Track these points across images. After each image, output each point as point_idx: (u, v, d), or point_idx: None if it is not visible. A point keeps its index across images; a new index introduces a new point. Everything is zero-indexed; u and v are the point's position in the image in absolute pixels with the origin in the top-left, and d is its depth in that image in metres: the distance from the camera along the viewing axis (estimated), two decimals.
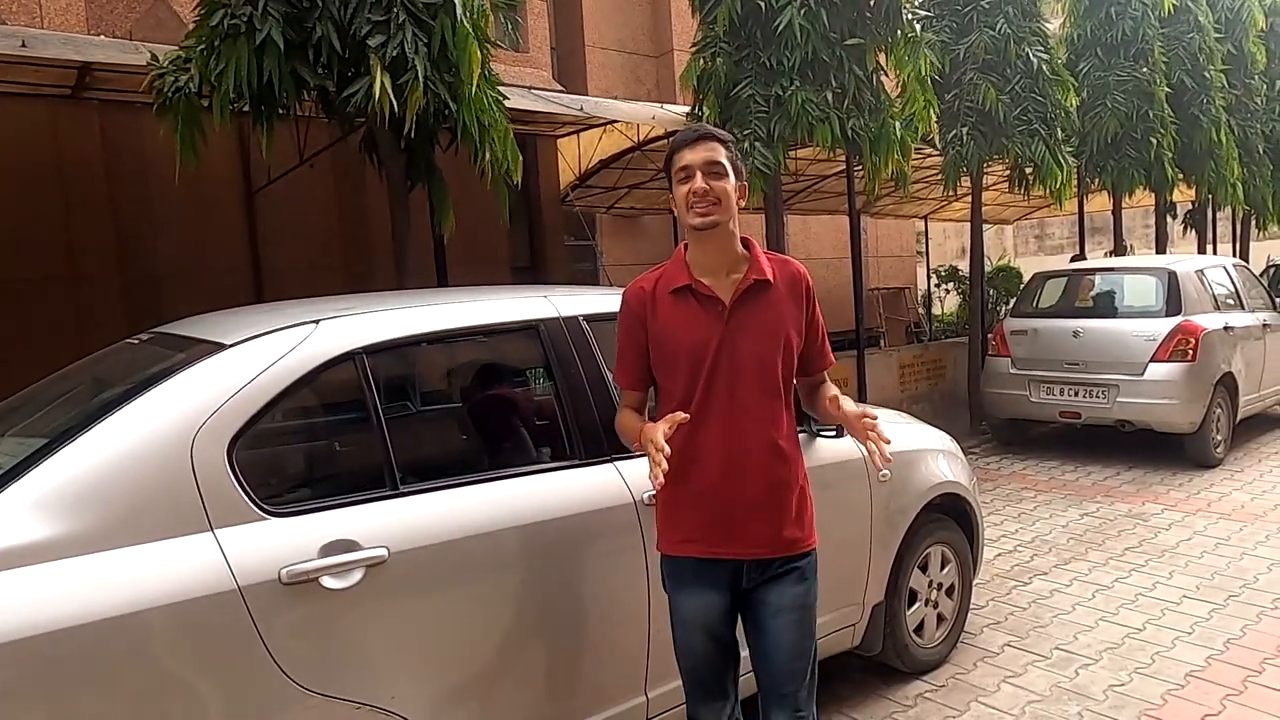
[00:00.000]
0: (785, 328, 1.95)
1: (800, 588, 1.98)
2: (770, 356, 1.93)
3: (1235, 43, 10.89)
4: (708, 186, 1.88)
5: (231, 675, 1.72)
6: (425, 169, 4.55)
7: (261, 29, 3.42)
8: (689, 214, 1.91)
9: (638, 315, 1.99)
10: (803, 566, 1.99)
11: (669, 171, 1.97)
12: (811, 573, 2.01)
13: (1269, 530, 4.76)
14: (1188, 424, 6.13)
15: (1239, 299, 7.00)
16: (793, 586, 1.97)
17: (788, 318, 1.96)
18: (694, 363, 1.91)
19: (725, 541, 1.94)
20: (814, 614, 2.02)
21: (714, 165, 1.90)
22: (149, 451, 1.74)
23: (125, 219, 6.13)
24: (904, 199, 11.49)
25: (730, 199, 1.92)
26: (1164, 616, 3.70)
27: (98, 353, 2.49)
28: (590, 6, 10.75)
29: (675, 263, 2.01)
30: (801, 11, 5.53)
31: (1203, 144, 9.72)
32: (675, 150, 1.95)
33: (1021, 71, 7.24)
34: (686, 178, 1.91)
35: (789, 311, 1.96)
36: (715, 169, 1.90)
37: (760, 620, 1.98)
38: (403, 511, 1.97)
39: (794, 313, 1.97)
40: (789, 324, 1.96)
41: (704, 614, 1.97)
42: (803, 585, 1.98)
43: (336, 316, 2.10)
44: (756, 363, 1.92)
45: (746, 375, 1.91)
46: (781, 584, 1.96)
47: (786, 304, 1.97)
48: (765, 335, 1.93)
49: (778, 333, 1.94)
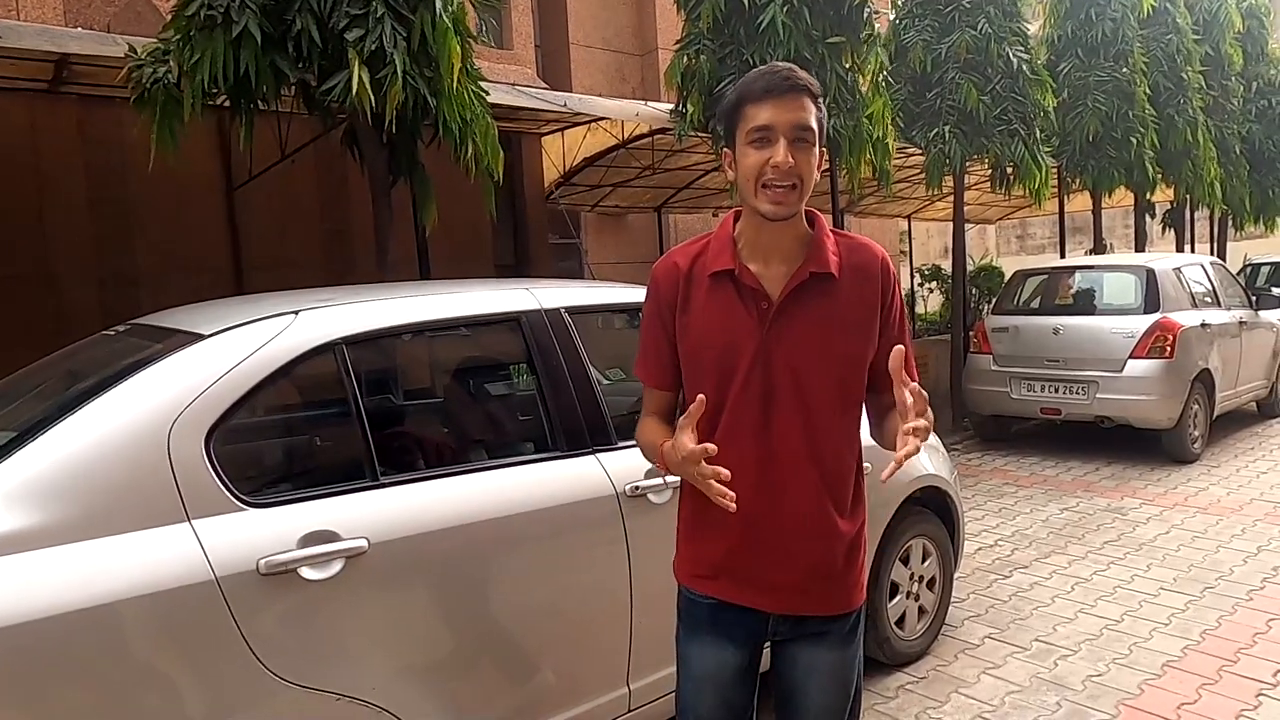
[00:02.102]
0: (848, 335, 1.50)
1: (839, 654, 1.60)
2: (823, 372, 1.50)
3: (1212, 44, 11.03)
4: (792, 161, 1.40)
5: (209, 667, 1.71)
6: (408, 164, 4.53)
7: (238, 21, 3.40)
8: (759, 195, 1.43)
9: (666, 298, 1.56)
10: (844, 629, 1.61)
11: (732, 126, 1.46)
12: (855, 635, 1.63)
13: (1244, 524, 4.82)
14: (1166, 420, 6.20)
15: (1216, 297, 7.09)
16: (829, 652, 1.59)
17: (853, 322, 1.50)
18: (724, 370, 1.50)
19: (747, 586, 1.57)
20: (856, 679, 1.64)
21: (804, 130, 1.41)
22: (125, 442, 1.73)
23: (103, 215, 6.06)
24: (887, 198, 11.55)
25: (814, 177, 1.45)
26: (1141, 608, 3.74)
27: (74, 344, 2.47)
28: (575, 4, 10.74)
29: (720, 237, 1.56)
30: (784, 9, 5.56)
31: (1179, 144, 9.84)
32: (751, 100, 1.42)
33: (1002, 71, 7.30)
34: (763, 141, 1.41)
35: (856, 314, 1.51)
36: (805, 135, 1.41)
37: (789, 679, 1.63)
38: (383, 502, 1.97)
39: (863, 315, 1.51)
40: (854, 330, 1.51)
41: (716, 670, 1.60)
42: (843, 651, 1.61)
43: (316, 307, 2.09)
44: (803, 379, 1.49)
45: (786, 394, 1.49)
46: (818, 646, 1.60)
47: (853, 304, 1.50)
48: (818, 345, 1.49)
49: (836, 342, 1.50)
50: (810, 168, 1.44)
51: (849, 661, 1.63)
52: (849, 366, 1.52)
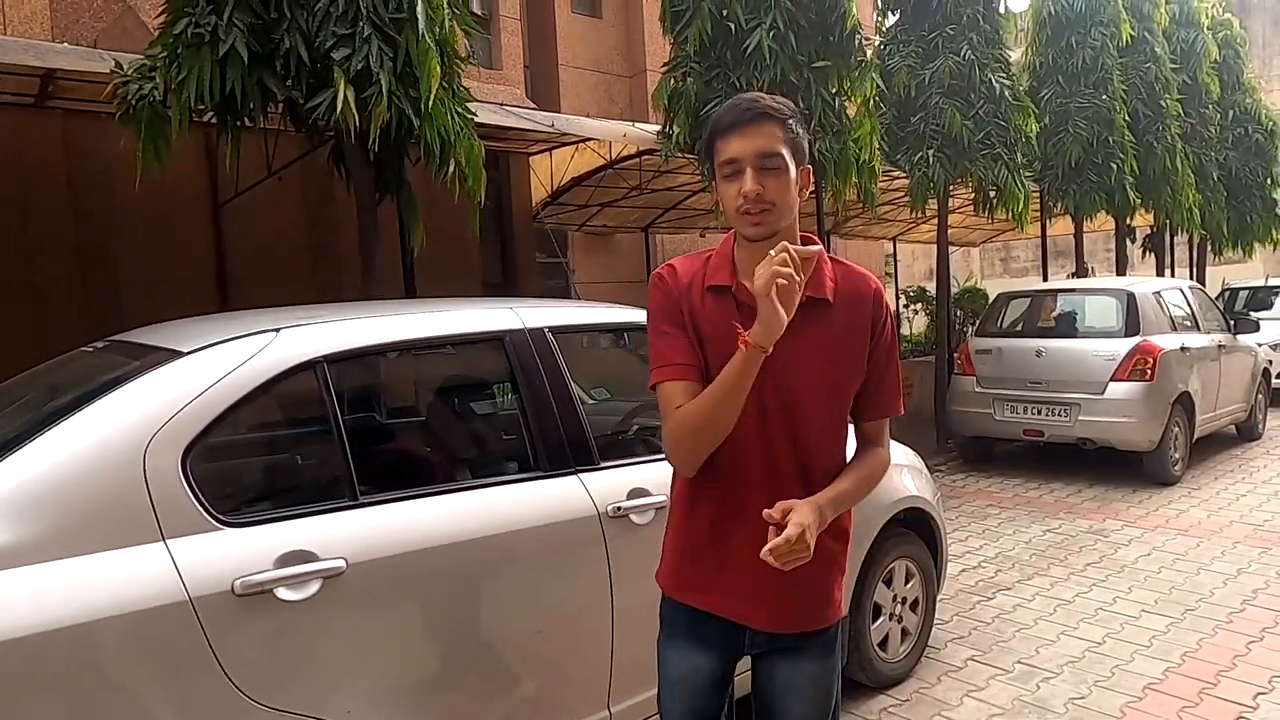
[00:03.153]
0: (839, 360, 1.54)
1: (818, 666, 1.62)
2: (814, 394, 1.53)
3: (1190, 73, 11.25)
4: (761, 187, 1.45)
5: (181, 689, 1.68)
6: (395, 183, 4.54)
7: (225, 39, 3.41)
8: (740, 220, 1.49)
9: (673, 296, 1.57)
10: (822, 643, 1.63)
11: (710, 160, 1.53)
12: (833, 648, 1.65)
13: (1224, 546, 4.85)
14: (1147, 442, 6.25)
15: (1195, 321, 7.18)
16: (808, 664, 1.62)
17: (845, 348, 1.54)
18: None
19: (729, 598, 1.58)
20: (835, 693, 1.66)
21: (769, 158, 1.45)
22: (100, 459, 1.71)
23: (87, 229, 6.03)
24: (873, 220, 11.66)
25: (790, 198, 1.48)
26: (1123, 630, 3.75)
27: (52, 360, 2.45)
28: (565, 26, 10.84)
29: (721, 254, 1.59)
30: (771, 34, 5.63)
31: (1158, 170, 10.00)
32: (719, 134, 1.49)
33: (985, 97, 7.41)
34: (733, 173, 1.47)
35: (848, 341, 1.54)
36: (771, 162, 1.45)
37: (767, 692, 1.64)
38: (362, 522, 1.95)
39: (854, 342, 1.55)
40: (845, 356, 1.54)
41: (689, 675, 1.63)
42: (822, 664, 1.63)
43: (297, 325, 2.08)
44: (794, 399, 1.52)
45: (776, 413, 1.52)
46: (796, 660, 1.61)
47: (846, 330, 1.54)
48: (811, 368, 1.52)
49: (827, 366, 1.53)
50: (782, 190, 1.47)
51: (827, 674, 1.65)
52: (838, 390, 1.56)
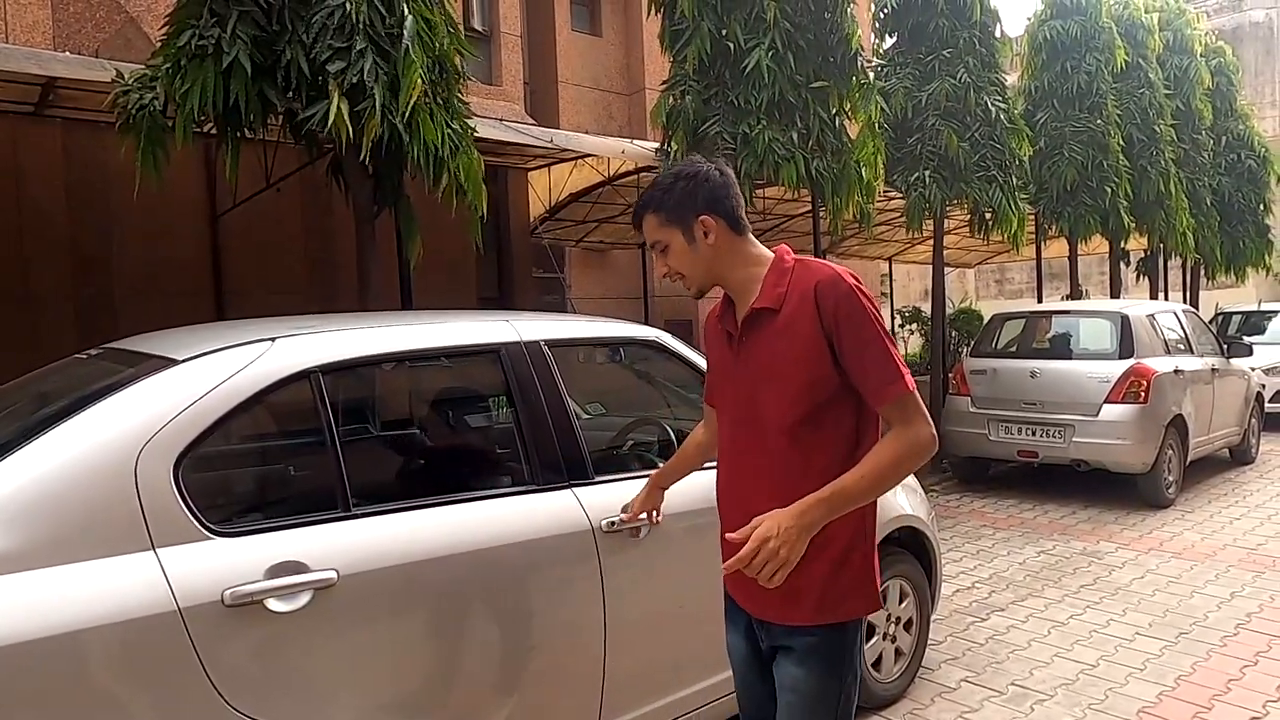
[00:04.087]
0: (789, 362, 1.61)
1: (800, 671, 1.67)
2: (773, 398, 1.63)
3: (1183, 99, 11.37)
4: (666, 266, 1.75)
5: (168, 700, 1.66)
6: (393, 195, 4.55)
7: (229, 51, 3.42)
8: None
9: (707, 338, 1.88)
10: (798, 646, 1.67)
11: None
12: (811, 657, 1.66)
13: (1218, 569, 4.85)
14: (1140, 464, 6.25)
15: (1189, 344, 7.21)
16: (794, 667, 1.68)
17: (795, 348, 1.60)
18: (719, 398, 1.82)
19: (733, 584, 1.79)
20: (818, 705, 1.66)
21: (655, 244, 1.75)
22: (91, 467, 1.69)
23: (84, 239, 6.03)
24: (869, 240, 11.70)
25: (689, 260, 1.71)
26: (1117, 653, 3.74)
27: (45, 367, 2.43)
28: (564, 43, 10.91)
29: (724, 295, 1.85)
30: (769, 53, 5.68)
31: (1152, 194, 10.09)
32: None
33: (980, 119, 7.48)
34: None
35: (796, 340, 1.60)
36: (658, 246, 1.75)
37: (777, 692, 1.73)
38: (354, 534, 1.94)
39: (803, 339, 1.60)
40: (796, 356, 1.60)
41: (735, 653, 1.85)
42: (803, 670, 1.66)
43: (293, 334, 2.07)
44: (758, 406, 1.66)
45: (746, 417, 1.69)
46: (784, 659, 1.70)
47: (792, 330, 1.60)
48: (767, 373, 1.64)
49: (779, 369, 1.62)
50: (678, 259, 1.72)
51: (812, 684, 1.66)
52: (801, 389, 1.61)
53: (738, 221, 1.73)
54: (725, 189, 1.72)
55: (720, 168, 1.76)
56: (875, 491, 1.59)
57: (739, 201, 1.74)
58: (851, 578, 1.66)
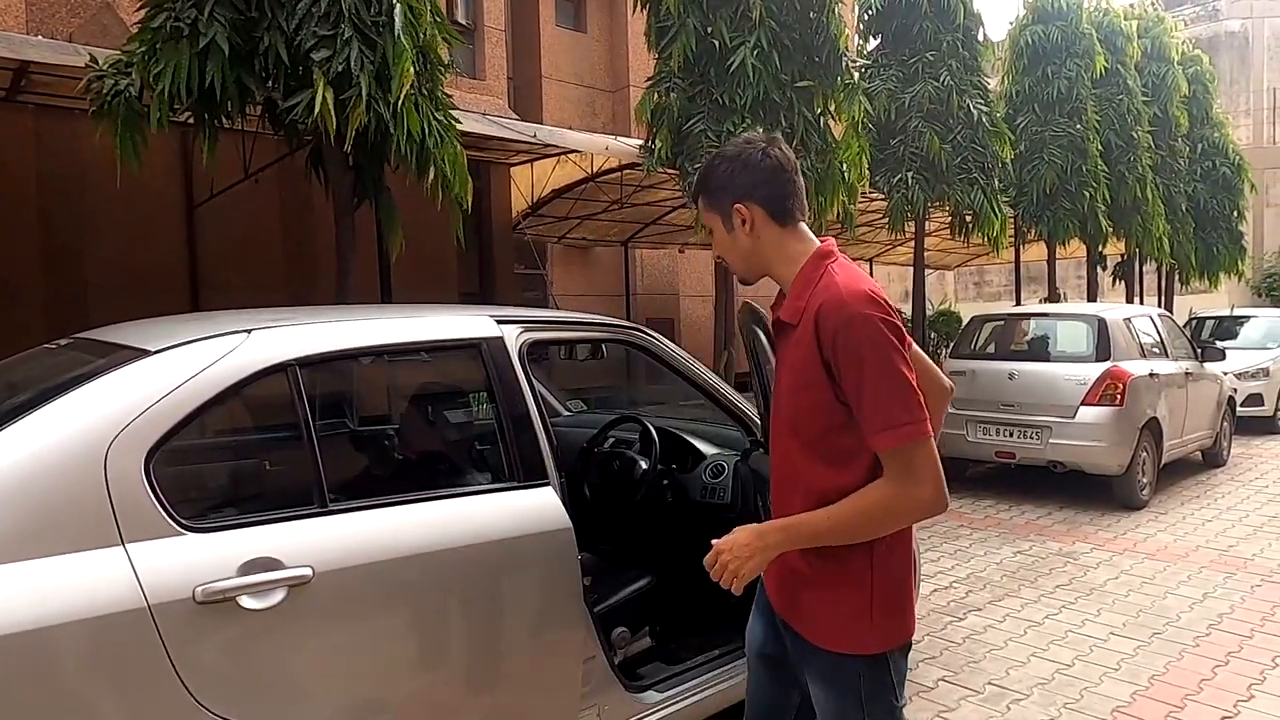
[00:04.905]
0: (794, 377, 1.57)
1: (818, 691, 1.61)
2: (786, 408, 1.60)
3: (1161, 106, 11.51)
4: (717, 254, 1.70)
5: (137, 699, 1.62)
6: (373, 188, 4.50)
7: (206, 33, 3.36)
8: None
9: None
10: (825, 667, 1.58)
11: None
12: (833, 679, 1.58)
13: (1190, 570, 4.91)
14: (1116, 466, 6.32)
15: (1164, 348, 7.29)
16: (813, 686, 1.62)
17: (799, 364, 1.55)
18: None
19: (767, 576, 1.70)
20: None
21: (706, 230, 1.70)
22: (59, 460, 1.65)
23: (56, 229, 5.92)
24: (850, 241, 11.76)
25: (730, 247, 1.63)
26: (1092, 653, 3.77)
27: (13, 357, 2.37)
28: (549, 39, 10.87)
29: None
30: (754, 52, 5.68)
31: (1129, 199, 10.21)
32: None
33: (963, 122, 7.53)
34: None
35: (801, 357, 1.54)
36: (706, 228, 1.69)
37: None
38: (330, 530, 1.90)
39: (804, 358, 1.52)
40: (800, 372, 1.54)
41: (751, 638, 1.80)
42: (819, 690, 1.61)
43: (269, 327, 2.03)
44: (780, 412, 1.64)
45: (777, 419, 1.65)
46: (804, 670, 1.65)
47: (799, 347, 1.54)
48: (782, 383, 1.63)
49: (789, 382, 1.59)
50: (723, 248, 1.66)
51: (831, 710, 1.59)
52: (806, 410, 1.55)
53: (784, 211, 1.58)
54: (769, 173, 1.57)
55: (769, 149, 1.59)
56: (845, 536, 1.49)
57: (790, 189, 1.58)
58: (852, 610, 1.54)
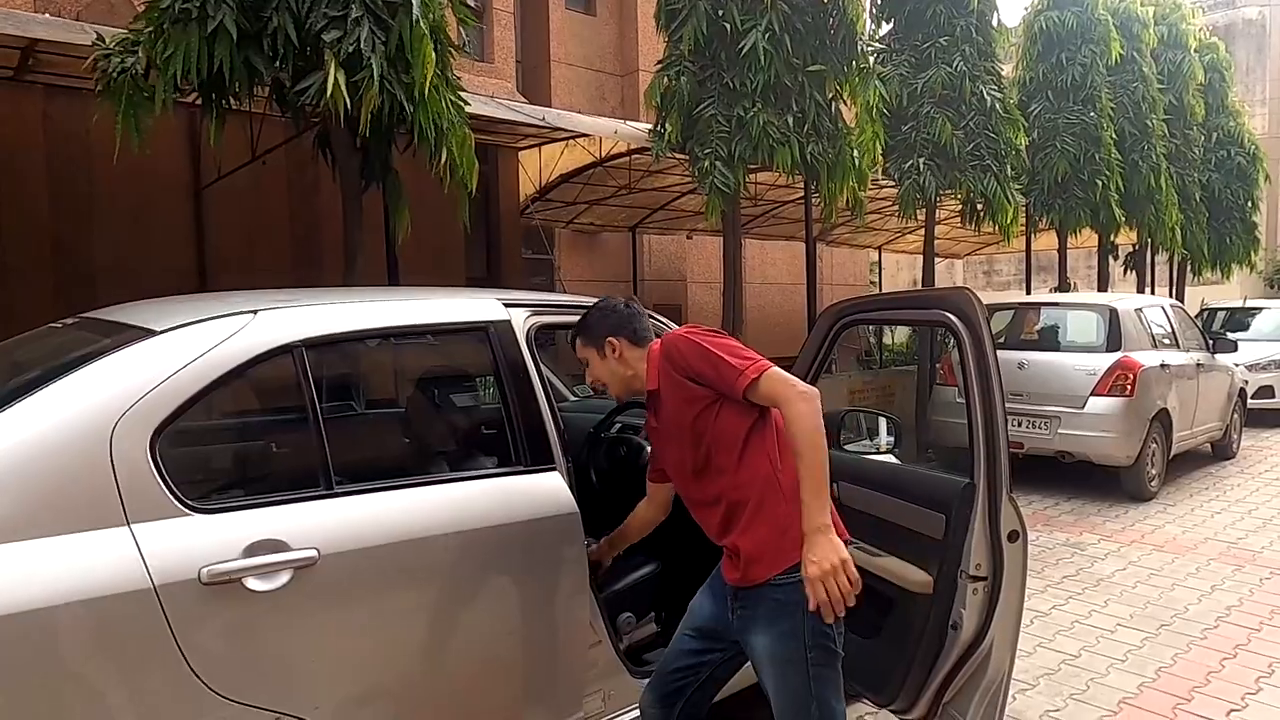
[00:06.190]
0: (683, 419, 1.94)
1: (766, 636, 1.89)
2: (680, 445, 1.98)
3: (1176, 94, 11.38)
4: (592, 376, 2.12)
5: (142, 679, 1.62)
6: (381, 170, 4.47)
7: (214, 16, 3.33)
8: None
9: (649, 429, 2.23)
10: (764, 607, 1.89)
11: None
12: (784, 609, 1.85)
13: (1199, 563, 4.88)
14: (1124, 457, 6.28)
15: (1175, 339, 7.23)
16: (759, 635, 1.90)
17: (681, 394, 1.94)
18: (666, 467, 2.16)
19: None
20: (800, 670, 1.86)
21: (585, 363, 2.12)
22: (65, 439, 1.64)
23: (64, 210, 5.91)
24: (859, 228, 11.69)
25: (608, 372, 2.07)
26: (1099, 644, 3.75)
27: (19, 336, 2.37)
28: (557, 22, 10.78)
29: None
30: (766, 36, 5.62)
31: (1142, 189, 10.11)
32: None
33: (975, 109, 7.44)
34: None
35: (678, 400, 1.95)
36: (584, 361, 2.11)
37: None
38: (336, 512, 1.89)
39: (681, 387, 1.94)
40: (685, 412, 1.94)
41: (695, 608, 2.08)
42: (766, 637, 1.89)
43: (276, 308, 2.02)
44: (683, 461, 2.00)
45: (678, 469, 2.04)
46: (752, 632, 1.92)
47: (671, 388, 1.96)
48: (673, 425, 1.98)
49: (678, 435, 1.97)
50: (601, 373, 2.09)
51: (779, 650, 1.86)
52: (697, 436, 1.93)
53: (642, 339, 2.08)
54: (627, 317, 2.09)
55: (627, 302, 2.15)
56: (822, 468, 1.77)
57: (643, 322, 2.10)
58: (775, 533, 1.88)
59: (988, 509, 2.10)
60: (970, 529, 2.10)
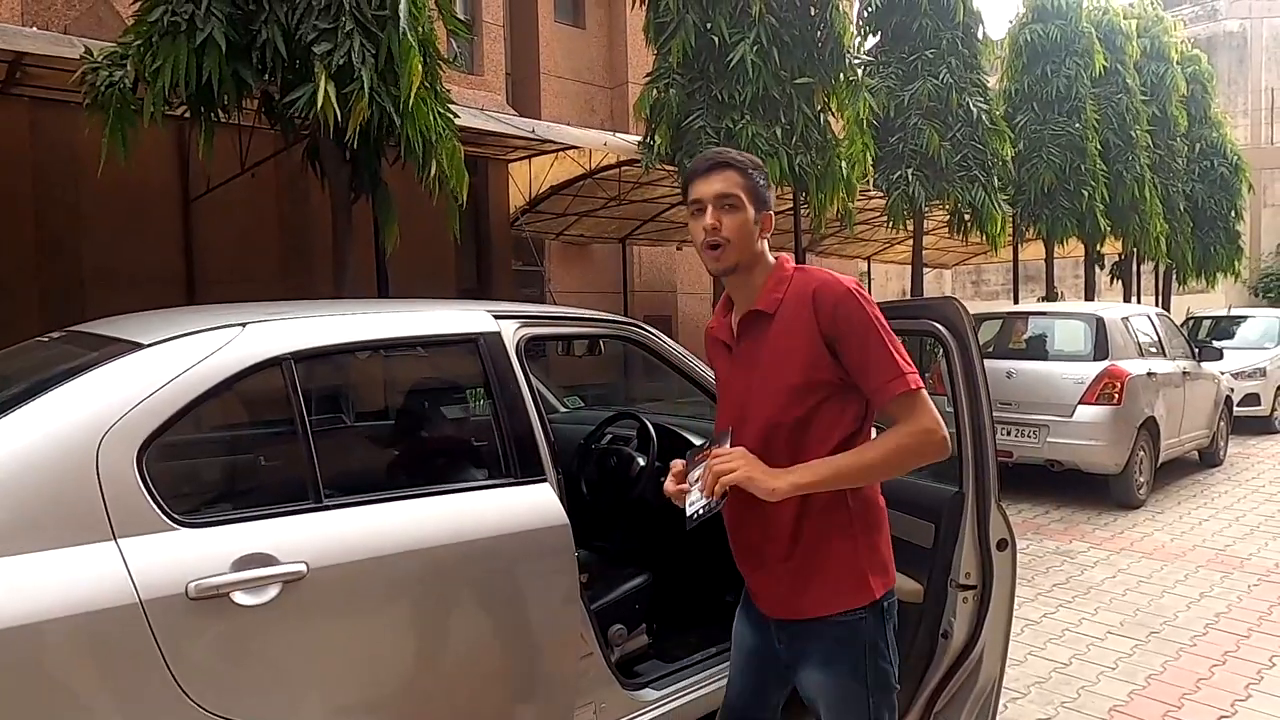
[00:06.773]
0: (779, 365, 1.62)
1: (823, 675, 1.67)
2: (763, 401, 1.64)
3: (1159, 106, 11.51)
4: (718, 223, 1.64)
5: (129, 695, 1.60)
6: (371, 182, 4.47)
7: (203, 28, 3.34)
8: (704, 257, 1.69)
9: (710, 357, 1.89)
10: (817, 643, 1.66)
11: (686, 202, 1.75)
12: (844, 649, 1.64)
13: (1187, 570, 4.90)
14: (1113, 465, 6.31)
15: (1161, 347, 7.28)
16: (814, 672, 1.67)
17: (784, 351, 1.62)
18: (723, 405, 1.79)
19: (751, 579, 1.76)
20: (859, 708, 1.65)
21: (727, 197, 1.65)
22: (50, 454, 1.63)
23: (51, 222, 5.89)
24: (848, 239, 11.77)
25: (745, 234, 1.65)
26: (1089, 652, 3.76)
27: (4, 350, 2.35)
28: (547, 35, 10.83)
29: (724, 296, 1.83)
30: (754, 48, 5.66)
31: (1127, 199, 10.21)
32: (688, 180, 1.72)
33: (962, 120, 7.52)
34: (698, 211, 1.68)
35: (786, 344, 1.62)
36: (728, 200, 1.65)
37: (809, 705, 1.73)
38: (325, 525, 1.88)
39: (794, 344, 1.61)
40: (785, 359, 1.62)
41: (739, 638, 1.85)
42: (827, 671, 1.66)
43: (264, 320, 2.01)
44: (751, 409, 1.67)
45: (742, 417, 1.69)
46: (805, 666, 1.69)
47: (784, 334, 1.62)
48: (758, 376, 1.65)
49: (770, 372, 1.63)
50: (736, 226, 1.65)
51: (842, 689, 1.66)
52: (789, 394, 1.62)
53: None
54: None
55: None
56: (862, 476, 1.60)
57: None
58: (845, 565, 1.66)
59: (977, 518, 2.11)
60: (960, 538, 2.11)
